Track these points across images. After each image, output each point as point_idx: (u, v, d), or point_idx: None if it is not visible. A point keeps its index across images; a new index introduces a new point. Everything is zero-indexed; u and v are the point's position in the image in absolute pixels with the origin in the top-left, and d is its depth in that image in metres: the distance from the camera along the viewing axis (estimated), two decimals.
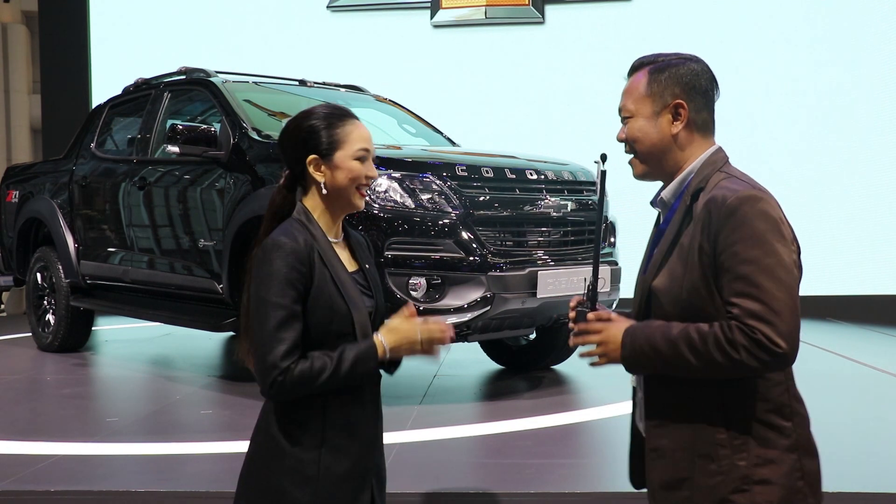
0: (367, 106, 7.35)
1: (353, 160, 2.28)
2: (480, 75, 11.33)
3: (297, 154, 2.31)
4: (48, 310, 7.79)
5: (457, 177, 5.25)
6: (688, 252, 1.98)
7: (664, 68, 2.10)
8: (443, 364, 6.87)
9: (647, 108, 2.10)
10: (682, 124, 2.08)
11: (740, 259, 1.89)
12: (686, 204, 2.04)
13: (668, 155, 2.10)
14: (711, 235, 1.93)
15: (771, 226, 1.90)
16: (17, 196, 8.40)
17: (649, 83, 2.10)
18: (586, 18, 11.35)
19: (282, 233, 2.20)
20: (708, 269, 1.94)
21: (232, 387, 5.97)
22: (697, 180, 2.05)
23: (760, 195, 1.93)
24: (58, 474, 4.00)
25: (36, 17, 14.49)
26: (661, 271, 2.04)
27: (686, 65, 2.11)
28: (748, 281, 1.88)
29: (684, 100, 2.08)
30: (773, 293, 1.87)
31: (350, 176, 2.28)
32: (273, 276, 2.14)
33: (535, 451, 4.36)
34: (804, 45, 10.92)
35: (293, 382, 2.10)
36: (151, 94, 7.07)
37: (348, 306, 2.21)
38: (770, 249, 1.89)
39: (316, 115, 2.32)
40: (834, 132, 10.86)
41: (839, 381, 6.35)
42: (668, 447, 2.04)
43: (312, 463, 2.18)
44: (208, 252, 5.94)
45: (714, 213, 1.93)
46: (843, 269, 10.45)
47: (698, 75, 2.10)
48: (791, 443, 1.99)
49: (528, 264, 5.25)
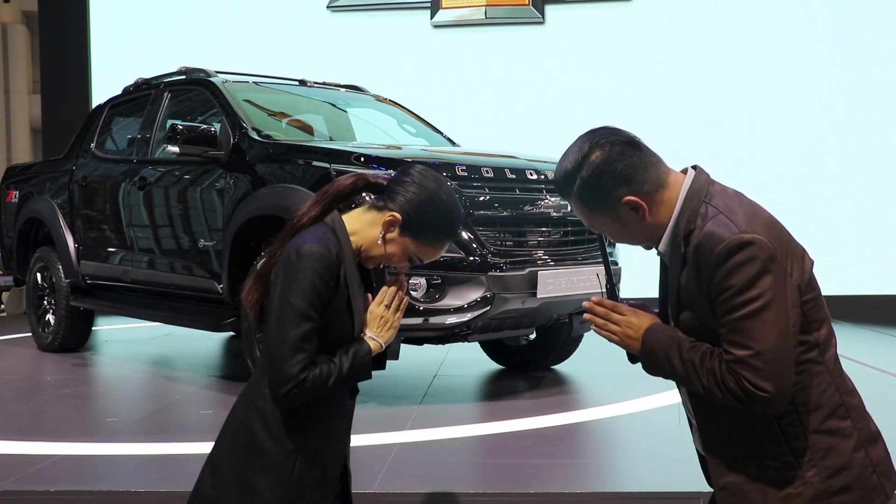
0: (366, 106, 7.35)
1: (412, 254, 2.29)
2: (480, 75, 11.33)
3: (407, 208, 2.26)
4: (48, 310, 7.79)
5: (457, 177, 5.25)
6: (695, 294, 1.97)
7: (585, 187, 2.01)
8: (443, 364, 6.87)
9: (608, 223, 2.04)
10: (645, 208, 1.99)
11: (728, 307, 1.88)
12: (679, 251, 2.00)
13: (652, 229, 2.04)
14: (705, 281, 1.93)
15: (760, 268, 1.87)
16: (17, 196, 8.41)
17: (587, 208, 2.04)
18: (586, 18, 11.35)
19: (317, 240, 2.16)
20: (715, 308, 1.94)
21: (232, 387, 5.97)
22: (685, 221, 1.98)
23: (748, 238, 1.88)
24: (58, 474, 4.00)
25: (36, 17, 14.49)
26: (680, 316, 2.04)
27: (589, 162, 2.00)
28: (735, 327, 1.88)
29: (628, 192, 1.98)
30: (759, 337, 1.86)
31: (394, 254, 2.28)
32: (305, 284, 2.11)
33: (535, 451, 4.36)
34: (804, 45, 10.92)
35: (307, 392, 2.12)
36: (151, 94, 7.07)
37: (353, 329, 2.24)
38: (759, 294, 1.86)
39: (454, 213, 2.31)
40: (834, 132, 10.85)
41: None
42: (737, 483, 2.00)
43: (288, 467, 2.19)
44: (208, 252, 5.94)
45: (703, 262, 1.91)
46: (843, 268, 10.44)
47: (614, 161, 1.98)
48: (855, 441, 1.97)
49: (528, 264, 5.25)
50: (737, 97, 10.79)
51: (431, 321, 4.98)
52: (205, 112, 6.61)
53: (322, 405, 2.22)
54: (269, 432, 2.20)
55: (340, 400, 2.28)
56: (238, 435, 2.26)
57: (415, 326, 4.96)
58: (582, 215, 2.08)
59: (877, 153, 10.81)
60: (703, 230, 1.93)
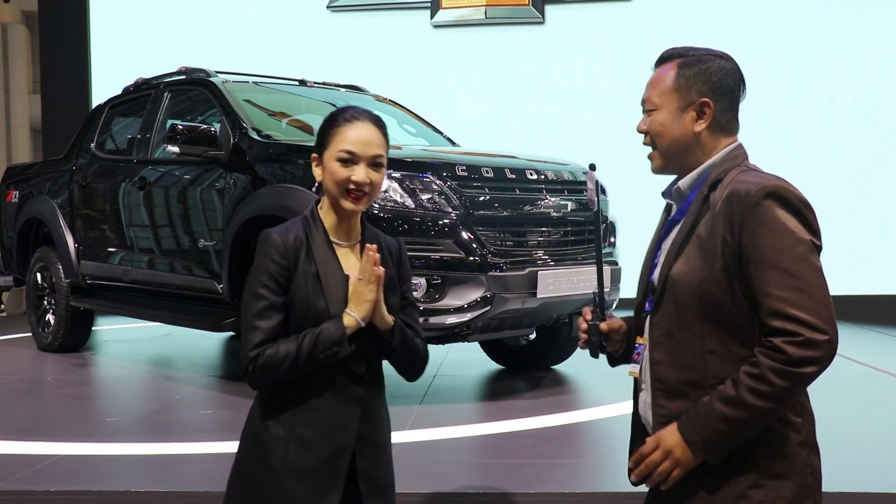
0: (367, 106, 7.34)
1: (334, 161, 2.24)
2: (480, 75, 11.34)
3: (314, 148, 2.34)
4: (48, 310, 7.79)
5: (457, 177, 5.25)
6: (707, 243, 1.97)
7: (693, 63, 2.07)
8: (443, 364, 6.87)
9: (672, 103, 2.07)
10: (706, 124, 2.06)
11: (771, 249, 1.88)
12: (703, 194, 2.02)
13: (688, 152, 2.08)
14: (735, 227, 1.92)
15: (798, 214, 1.91)
16: (17, 196, 8.40)
17: (677, 77, 2.07)
18: (586, 18, 11.35)
19: (277, 229, 2.25)
20: (731, 261, 1.93)
21: (232, 387, 5.97)
22: (716, 173, 2.04)
23: (783, 184, 1.93)
24: (58, 474, 4.00)
25: (36, 17, 14.49)
26: (678, 260, 2.02)
27: (716, 62, 2.08)
28: (783, 271, 1.87)
29: (711, 98, 2.06)
30: (809, 278, 1.88)
31: (332, 178, 2.24)
32: (257, 269, 2.20)
33: (536, 450, 4.36)
34: (806, 45, 10.92)
35: (262, 368, 2.14)
36: (151, 94, 7.07)
37: (328, 306, 2.20)
38: (798, 238, 1.89)
39: (335, 112, 2.33)
40: (835, 131, 10.86)
41: (839, 381, 6.34)
42: None
43: (277, 452, 2.20)
44: (208, 252, 5.94)
45: (737, 204, 1.92)
46: (844, 268, 10.44)
47: (727, 74, 2.08)
48: (802, 438, 1.98)
49: (528, 264, 5.25)
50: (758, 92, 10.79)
51: (431, 321, 4.98)
52: (205, 112, 6.61)
53: (315, 391, 2.20)
54: (263, 419, 2.24)
55: (340, 385, 2.22)
56: (244, 430, 2.31)
57: None
58: (656, 82, 2.10)
59: (877, 153, 10.82)
60: (735, 179, 1.98)
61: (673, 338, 2.02)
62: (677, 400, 2.01)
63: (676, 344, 2.01)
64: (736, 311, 1.93)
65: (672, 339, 2.02)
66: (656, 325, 2.06)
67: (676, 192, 2.12)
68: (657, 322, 2.06)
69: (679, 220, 2.08)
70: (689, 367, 1.99)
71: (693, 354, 1.99)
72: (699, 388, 1.98)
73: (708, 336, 1.97)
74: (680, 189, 2.11)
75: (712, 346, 1.97)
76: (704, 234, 1.98)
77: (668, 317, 2.03)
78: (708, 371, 1.97)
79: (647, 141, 2.13)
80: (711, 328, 1.96)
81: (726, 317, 1.95)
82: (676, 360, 2.01)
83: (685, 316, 1.99)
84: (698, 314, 1.97)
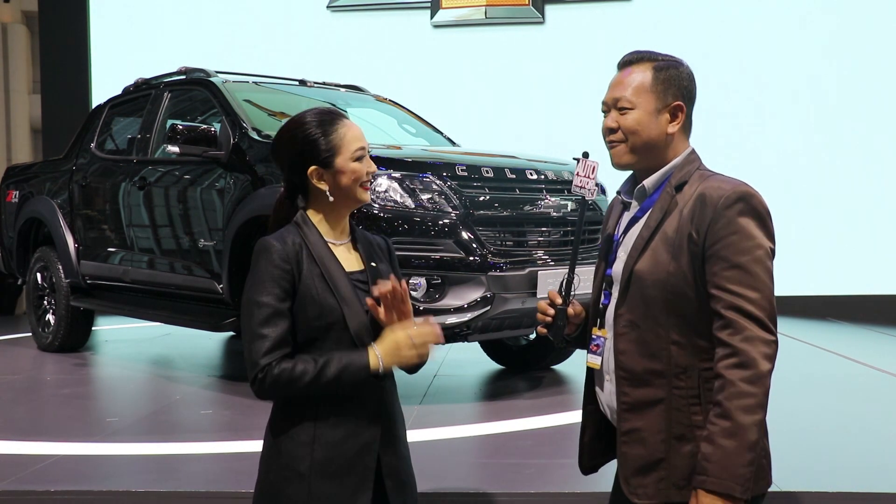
0: (366, 106, 7.35)
1: (353, 162, 2.29)
2: (480, 75, 11.33)
3: (297, 166, 2.30)
4: (48, 310, 7.79)
5: (457, 177, 5.25)
6: (674, 239, 2.07)
7: (667, 67, 2.18)
8: (443, 364, 6.87)
9: (650, 104, 2.16)
10: (679, 126, 2.18)
11: (735, 249, 2.00)
12: (670, 195, 2.13)
13: (658, 151, 2.18)
14: (703, 226, 2.03)
15: (761, 222, 2.03)
16: (17, 196, 8.41)
17: (654, 80, 2.16)
18: (586, 18, 11.35)
19: (272, 236, 2.24)
20: (695, 257, 2.04)
21: (232, 387, 5.97)
22: (679, 175, 2.16)
23: (752, 192, 2.05)
24: (58, 474, 4.00)
25: (36, 16, 14.48)
26: (642, 256, 2.12)
27: (683, 68, 2.21)
28: (743, 269, 1.99)
29: (683, 102, 2.18)
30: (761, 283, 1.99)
31: (353, 178, 2.29)
32: (258, 276, 2.19)
33: (536, 450, 4.36)
34: (804, 43, 10.92)
35: (273, 382, 2.11)
36: (151, 94, 7.07)
37: (339, 302, 2.21)
38: (759, 243, 2.01)
39: (309, 124, 2.30)
40: (834, 131, 10.86)
41: (839, 382, 6.35)
42: (644, 430, 2.10)
43: (304, 459, 2.19)
44: (208, 252, 5.94)
45: (709, 206, 2.03)
46: (843, 268, 10.45)
47: (692, 81, 2.22)
48: None
49: (529, 264, 5.25)
50: (737, 95, 10.78)
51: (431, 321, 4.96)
52: (205, 112, 6.62)
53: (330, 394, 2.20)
54: (283, 428, 2.22)
55: None
56: (265, 439, 2.30)
57: None
58: (630, 82, 2.17)
59: (878, 152, 10.81)
60: (706, 183, 2.10)
61: (638, 328, 2.12)
62: (642, 388, 2.11)
63: (641, 335, 2.11)
64: (699, 304, 2.04)
65: (637, 330, 2.12)
66: (621, 316, 2.15)
67: (640, 192, 2.21)
68: (622, 314, 2.15)
69: (640, 217, 2.18)
70: (655, 356, 2.09)
71: (658, 345, 2.09)
72: (663, 377, 2.09)
73: (672, 328, 2.08)
74: (644, 188, 2.20)
75: (676, 337, 2.07)
76: (671, 232, 2.09)
77: (634, 308, 2.13)
78: (672, 360, 2.07)
79: (616, 137, 2.20)
80: (676, 320, 2.07)
81: (689, 309, 2.06)
82: (642, 350, 2.11)
83: (651, 308, 2.10)
84: (664, 307, 2.08)
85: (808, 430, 4.77)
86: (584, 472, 2.41)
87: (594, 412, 2.33)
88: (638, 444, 2.11)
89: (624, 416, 2.13)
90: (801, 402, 5.43)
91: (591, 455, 2.38)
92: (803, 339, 8.24)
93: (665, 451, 2.07)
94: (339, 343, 2.20)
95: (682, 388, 2.06)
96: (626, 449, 2.13)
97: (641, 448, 2.10)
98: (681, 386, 2.06)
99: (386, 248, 2.47)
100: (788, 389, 5.48)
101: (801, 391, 5.79)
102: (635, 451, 2.11)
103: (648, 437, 2.09)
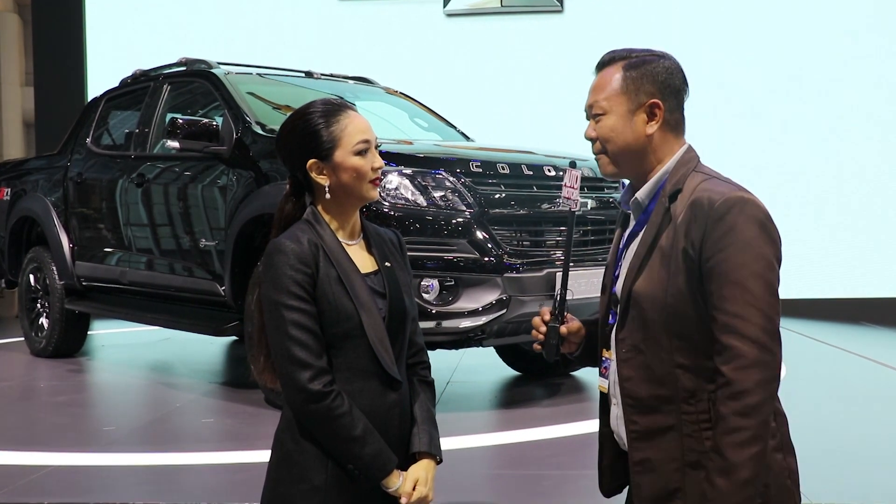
0: (376, 98, 7.36)
1: (353, 156, 2.27)
2: (496, 66, 11.33)
3: (297, 159, 2.30)
4: (42, 313, 7.82)
5: (471, 173, 5.26)
6: (670, 255, 2.01)
7: (639, 64, 2.12)
8: (456, 370, 6.87)
9: (622, 107, 2.11)
10: (658, 125, 2.11)
11: (732, 264, 1.92)
12: (664, 206, 2.06)
13: (641, 156, 2.13)
14: (697, 239, 1.97)
15: (760, 227, 1.95)
16: (8, 193, 8.44)
17: (624, 79, 2.12)
18: (607, 6, 11.33)
19: (285, 236, 2.22)
20: (693, 273, 1.98)
21: (234, 394, 5.98)
22: (673, 181, 2.08)
23: (747, 196, 1.98)
24: (52, 485, 4.02)
25: (29, 5, 14.56)
26: (640, 275, 2.06)
27: (660, 62, 2.13)
28: (741, 286, 1.92)
29: (660, 99, 2.10)
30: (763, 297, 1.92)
31: (354, 173, 2.27)
32: (279, 279, 2.16)
33: (554, 461, 4.36)
34: (816, 41, 10.92)
35: (326, 414, 2.14)
36: (150, 87, 7.09)
37: (356, 307, 2.21)
38: (759, 253, 1.93)
39: (313, 114, 2.30)
40: (835, 130, 10.88)
41: (874, 388, 6.32)
42: (656, 459, 2.07)
43: (319, 472, 2.19)
44: (210, 252, 5.96)
45: (700, 216, 1.97)
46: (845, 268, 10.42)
47: (672, 73, 2.13)
48: (777, 443, 2.02)
49: (546, 265, 5.25)
50: (741, 93, 10.76)
51: (444, 325, 4.98)
52: (206, 105, 6.64)
53: (351, 398, 2.21)
54: (296, 439, 2.21)
55: (377, 390, 2.25)
56: (273, 448, 2.29)
57: (427, 331, 4.96)
58: (602, 86, 2.16)
59: (879, 152, 10.82)
60: (697, 189, 2.01)
61: (641, 353, 2.07)
62: (650, 415, 2.07)
63: (645, 360, 2.06)
64: (701, 324, 1.98)
65: (640, 355, 2.07)
66: (622, 340, 2.11)
67: (635, 204, 2.17)
68: (623, 338, 2.11)
69: (639, 232, 2.12)
70: (660, 382, 2.05)
71: (663, 369, 2.04)
72: (671, 403, 2.04)
73: (676, 350, 2.02)
74: (638, 200, 2.15)
75: (681, 360, 2.02)
76: (667, 247, 2.02)
77: (635, 332, 2.08)
78: (679, 385, 2.02)
79: (596, 148, 2.18)
80: (679, 342, 2.02)
81: (692, 330, 2.00)
82: (646, 375, 2.07)
83: (652, 330, 2.04)
84: (665, 328, 2.02)
85: (840, 439, 4.75)
86: (607, 494, 2.37)
87: (609, 435, 2.30)
88: (651, 474, 2.08)
89: (634, 444, 2.10)
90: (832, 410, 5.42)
91: (613, 477, 2.35)
92: (839, 344, 8.21)
93: (680, 480, 2.05)
94: (356, 352, 2.21)
95: (692, 412, 2.02)
96: (640, 479, 2.11)
97: (655, 478, 2.08)
98: (690, 411, 2.02)
99: (397, 242, 2.46)
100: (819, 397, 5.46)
101: (834, 396, 5.77)
102: (649, 480, 2.09)
103: (661, 466, 2.06)
